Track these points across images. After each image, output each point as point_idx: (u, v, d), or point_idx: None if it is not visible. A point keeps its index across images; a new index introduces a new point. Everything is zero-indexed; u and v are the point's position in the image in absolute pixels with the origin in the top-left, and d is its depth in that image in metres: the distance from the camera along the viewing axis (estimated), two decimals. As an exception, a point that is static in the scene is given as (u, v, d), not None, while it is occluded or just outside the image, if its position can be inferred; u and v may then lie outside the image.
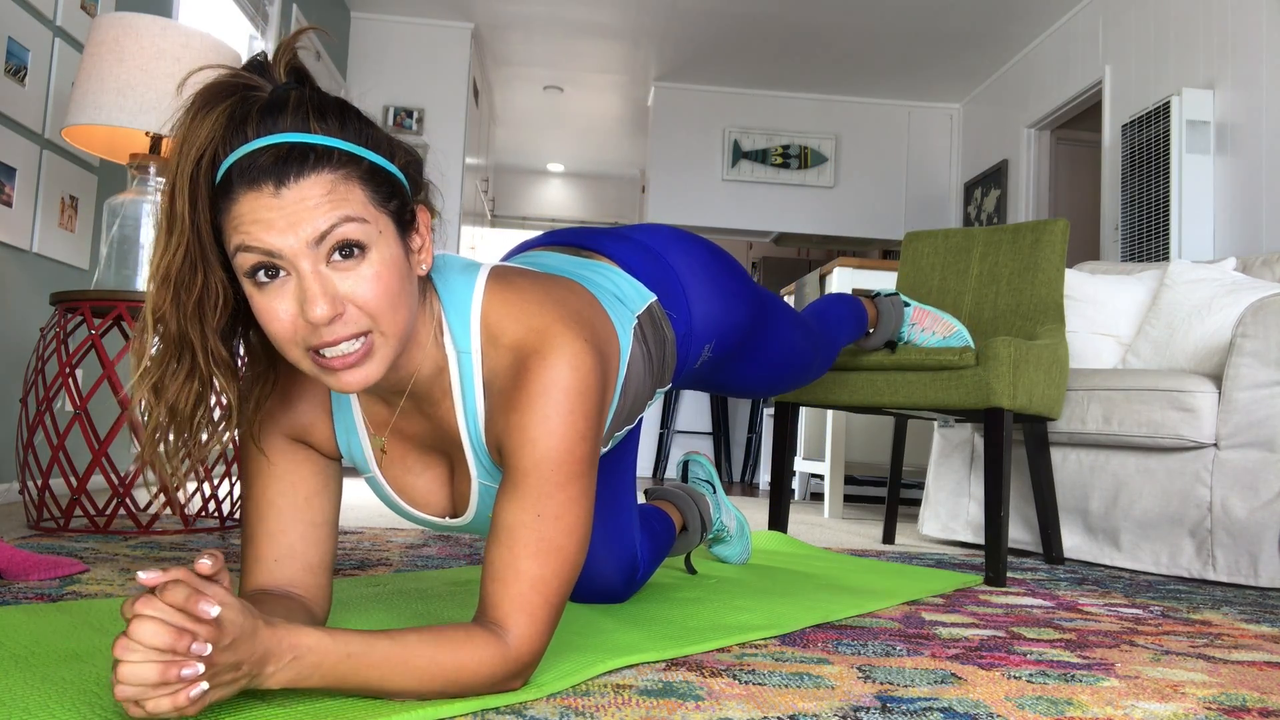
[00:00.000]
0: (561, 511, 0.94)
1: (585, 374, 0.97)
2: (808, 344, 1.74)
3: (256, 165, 0.85)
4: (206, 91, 0.88)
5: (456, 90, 6.01)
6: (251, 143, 0.86)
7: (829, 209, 6.82)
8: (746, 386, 1.66)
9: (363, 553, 1.99)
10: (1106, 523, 2.55)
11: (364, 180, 0.89)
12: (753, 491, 5.61)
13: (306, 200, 0.85)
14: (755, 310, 1.47)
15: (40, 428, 2.17)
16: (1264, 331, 2.29)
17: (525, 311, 1.00)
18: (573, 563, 0.96)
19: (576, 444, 0.95)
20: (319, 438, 1.07)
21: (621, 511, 1.46)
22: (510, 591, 0.92)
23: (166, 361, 0.90)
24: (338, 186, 0.86)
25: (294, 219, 0.85)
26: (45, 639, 1.08)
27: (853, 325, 2.08)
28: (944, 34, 5.72)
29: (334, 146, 0.87)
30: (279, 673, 0.80)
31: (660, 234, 1.38)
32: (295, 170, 0.85)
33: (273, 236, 0.85)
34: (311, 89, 0.91)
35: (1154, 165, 4.13)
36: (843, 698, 1.00)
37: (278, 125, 0.86)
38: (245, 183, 0.85)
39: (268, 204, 0.85)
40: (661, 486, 1.82)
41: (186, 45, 2.28)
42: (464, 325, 1.01)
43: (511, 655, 0.91)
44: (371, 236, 0.88)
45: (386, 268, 0.89)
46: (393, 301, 0.89)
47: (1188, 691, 1.11)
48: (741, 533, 2.04)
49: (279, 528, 1.03)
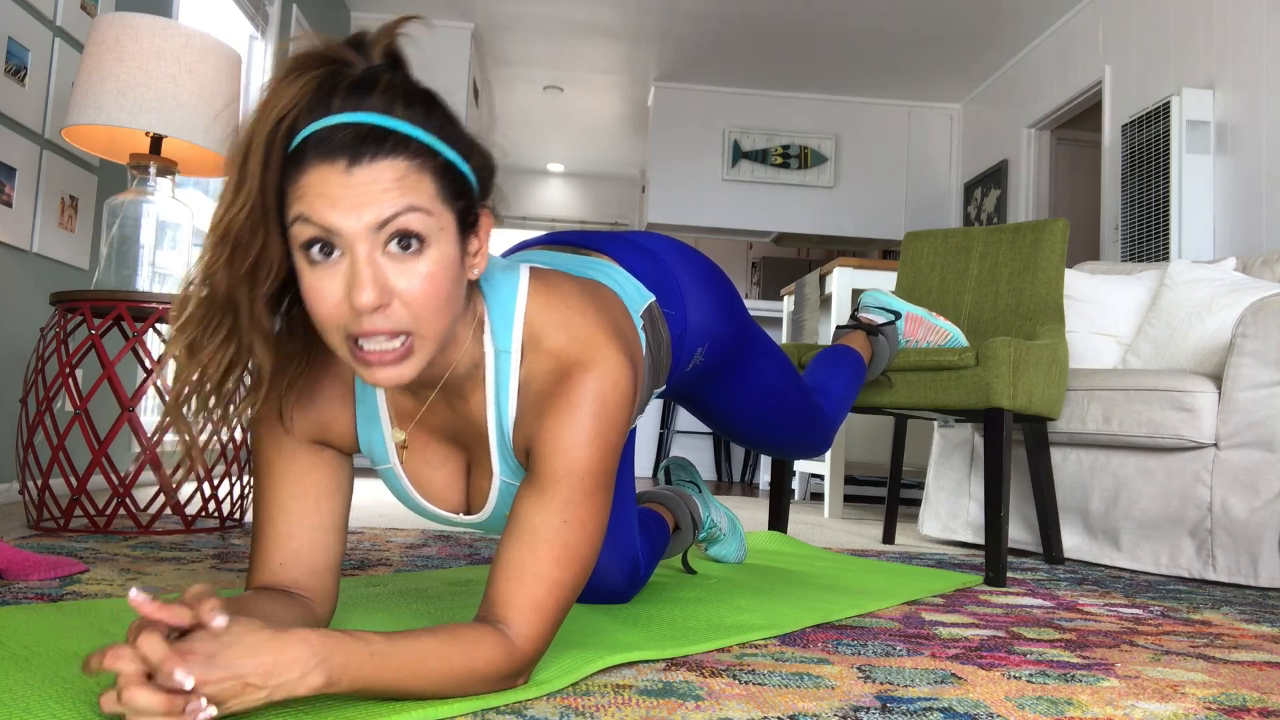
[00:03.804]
0: (586, 519, 0.95)
1: (624, 390, 0.98)
2: (801, 397, 1.71)
3: (334, 139, 0.84)
4: (300, 58, 0.87)
5: (456, 90, 6.00)
6: (334, 115, 0.85)
7: (829, 209, 6.82)
8: (736, 416, 1.63)
9: (363, 553, 1.99)
10: (1106, 523, 2.55)
11: (436, 174, 0.88)
12: (753, 491, 5.61)
13: (378, 183, 0.84)
14: (745, 328, 1.49)
15: (40, 428, 2.17)
16: (1264, 331, 2.29)
17: (569, 319, 1.01)
18: (587, 569, 0.97)
19: (607, 455, 0.97)
20: (339, 430, 1.06)
21: (622, 512, 1.46)
22: (526, 592, 0.92)
23: (208, 320, 0.88)
24: (410, 174, 0.85)
25: (361, 199, 0.84)
26: (45, 639, 1.08)
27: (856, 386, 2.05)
28: (944, 34, 5.72)
29: (413, 135, 0.86)
30: (308, 678, 0.76)
31: (658, 240, 1.39)
32: (372, 151, 0.84)
33: (337, 214, 0.84)
34: (403, 75, 0.90)
35: (1154, 165, 4.13)
36: (843, 698, 1.00)
37: (363, 104, 0.85)
38: (319, 154, 0.84)
39: (339, 180, 0.84)
40: (649, 490, 1.83)
41: (186, 45, 2.28)
42: (506, 325, 1.01)
43: (517, 654, 0.91)
44: (433, 231, 0.87)
45: (441, 267, 0.88)
46: (440, 304, 0.89)
47: (1188, 691, 1.11)
48: (734, 529, 2.04)
49: (287, 531, 1.03)
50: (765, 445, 1.76)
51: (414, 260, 0.86)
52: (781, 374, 1.63)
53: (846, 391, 1.99)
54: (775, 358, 1.60)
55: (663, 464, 2.04)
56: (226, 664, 0.73)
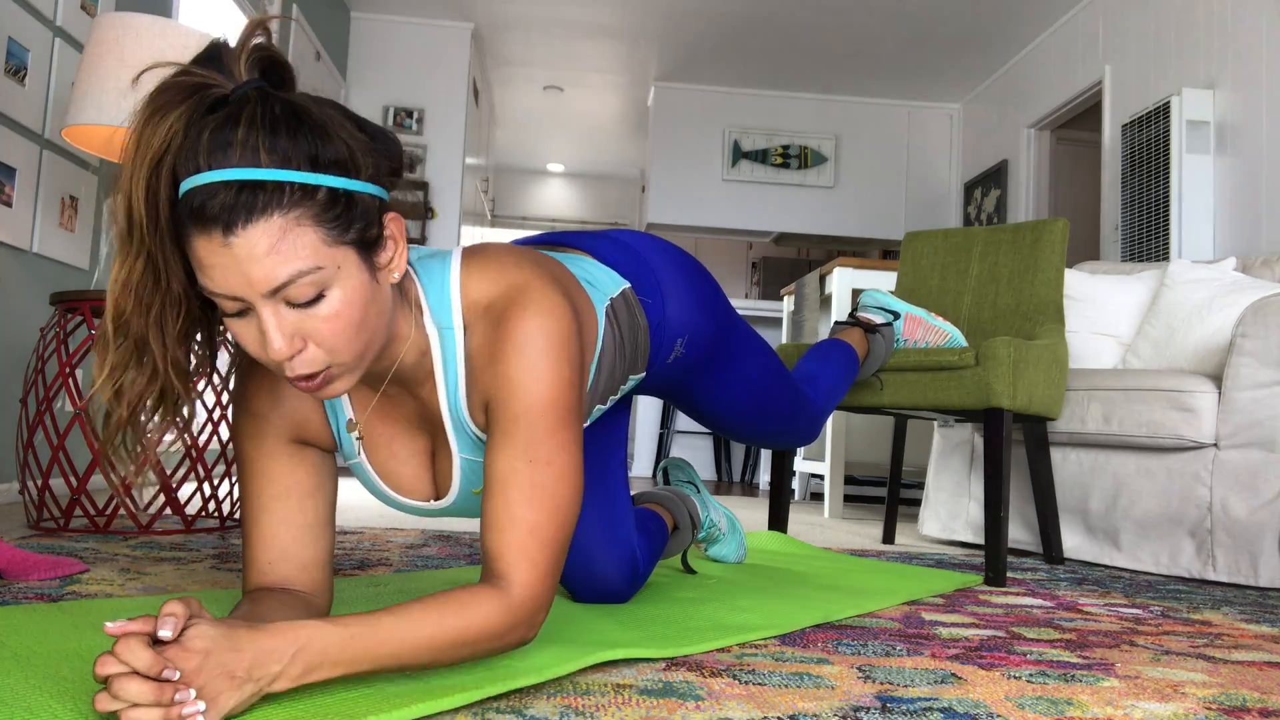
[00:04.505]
0: (552, 456, 0.96)
1: (565, 322, 0.98)
2: (786, 391, 1.70)
3: (207, 209, 0.83)
4: (164, 89, 0.86)
5: (456, 90, 6.01)
6: (203, 175, 0.83)
7: (829, 209, 6.83)
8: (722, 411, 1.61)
9: (363, 553, 1.99)
10: (1106, 523, 2.55)
11: (317, 217, 0.86)
12: (753, 491, 5.61)
13: (255, 250, 0.83)
14: (727, 323, 1.48)
15: (40, 428, 2.17)
16: (1264, 331, 2.29)
17: (502, 272, 1.02)
18: (567, 509, 0.96)
19: (564, 390, 0.97)
20: (314, 428, 1.08)
21: (616, 507, 1.47)
22: (508, 539, 0.93)
23: (127, 363, 0.90)
24: (288, 233, 0.84)
25: (245, 270, 0.84)
26: (46, 639, 1.09)
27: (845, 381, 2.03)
28: (944, 34, 5.72)
29: (285, 181, 0.84)
30: (287, 669, 0.79)
31: (639, 237, 1.40)
32: (243, 217, 0.83)
33: (229, 286, 0.85)
34: (265, 99, 0.86)
35: (1154, 165, 4.13)
36: (843, 698, 1.00)
37: (229, 156, 0.83)
38: (196, 224, 0.84)
39: (220, 252, 0.84)
40: (646, 491, 1.83)
41: (186, 45, 2.28)
42: (444, 301, 1.02)
43: (515, 604, 0.91)
44: (329, 279, 0.87)
45: (346, 304, 0.89)
46: (354, 333, 0.90)
47: (1188, 691, 1.11)
48: (733, 529, 2.04)
49: (271, 531, 1.05)
50: (751, 437, 1.75)
51: (317, 307, 0.88)
52: (765, 368, 1.62)
53: (835, 383, 1.98)
54: (758, 353, 1.59)
55: (661, 465, 2.05)
56: (213, 660, 0.76)
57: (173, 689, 0.73)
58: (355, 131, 0.91)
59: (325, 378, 0.92)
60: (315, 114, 0.88)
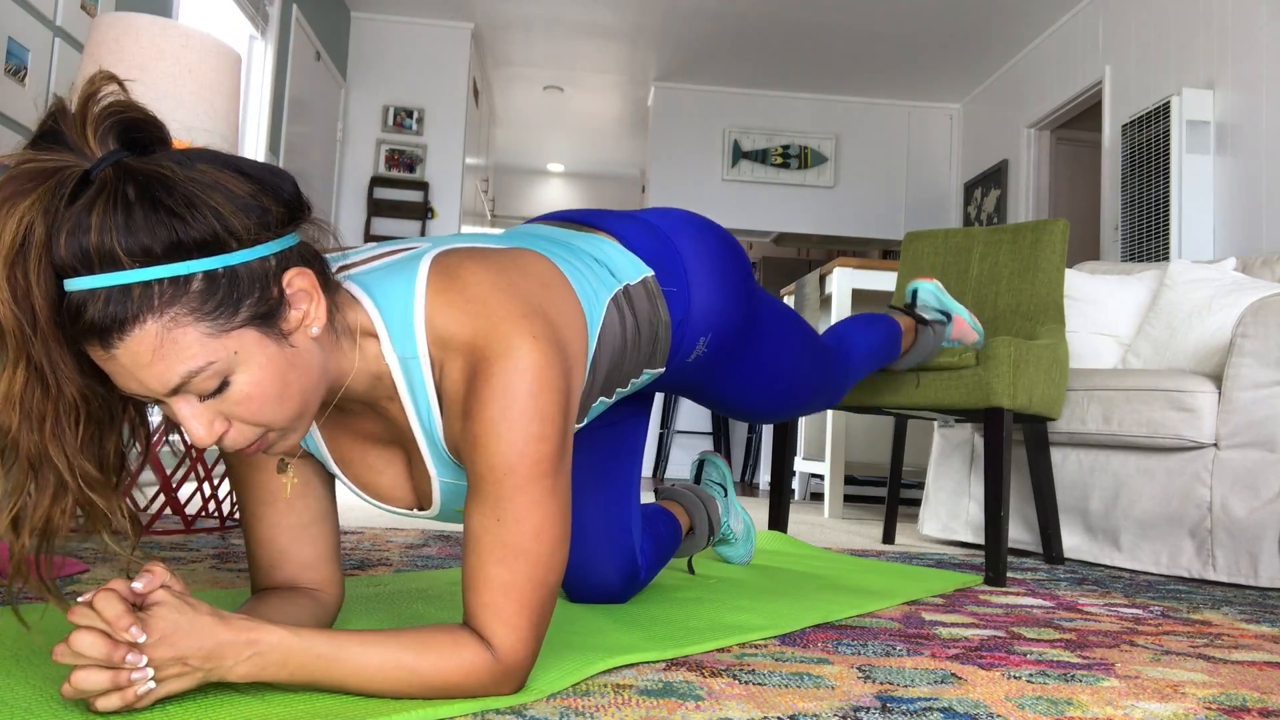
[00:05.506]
0: (522, 515, 0.91)
1: (537, 374, 0.91)
2: (814, 367, 1.64)
3: (80, 320, 0.77)
4: (8, 183, 0.76)
5: (456, 90, 6.01)
6: (70, 283, 0.77)
7: (829, 209, 6.82)
8: (743, 404, 1.55)
9: (363, 553, 1.99)
10: (1106, 523, 2.55)
11: (195, 311, 0.79)
12: (753, 491, 5.61)
13: (139, 359, 0.79)
14: (754, 309, 1.41)
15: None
16: (1264, 331, 2.29)
17: (469, 310, 0.94)
18: (544, 566, 0.92)
19: (531, 446, 0.91)
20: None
21: (618, 502, 1.44)
22: (483, 599, 0.91)
23: (24, 488, 0.81)
24: (165, 337, 0.78)
25: (138, 377, 0.80)
26: (46, 639, 1.08)
27: (882, 356, 1.98)
28: (944, 34, 5.72)
29: (153, 279, 0.77)
30: (238, 665, 0.81)
31: (671, 216, 1.33)
32: (116, 329, 0.77)
33: (129, 389, 0.81)
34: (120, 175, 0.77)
35: (1154, 165, 4.13)
36: (843, 698, 1.00)
37: (89, 261, 0.76)
38: (77, 333, 0.78)
39: (107, 360, 0.79)
40: (672, 487, 1.80)
41: (186, 45, 2.28)
42: (406, 330, 0.95)
43: (499, 665, 0.90)
44: (229, 366, 0.82)
45: (256, 384, 0.84)
46: (276, 405, 0.86)
47: (1188, 691, 1.11)
48: (747, 536, 2.04)
49: (268, 536, 1.06)
50: (766, 420, 1.69)
51: (227, 393, 0.84)
52: (790, 352, 1.55)
53: (872, 352, 1.91)
54: (784, 334, 1.52)
55: (698, 456, 2.01)
56: (172, 642, 0.78)
57: (125, 649, 0.75)
58: (236, 185, 0.82)
59: (264, 442, 0.89)
60: (179, 185, 0.79)
